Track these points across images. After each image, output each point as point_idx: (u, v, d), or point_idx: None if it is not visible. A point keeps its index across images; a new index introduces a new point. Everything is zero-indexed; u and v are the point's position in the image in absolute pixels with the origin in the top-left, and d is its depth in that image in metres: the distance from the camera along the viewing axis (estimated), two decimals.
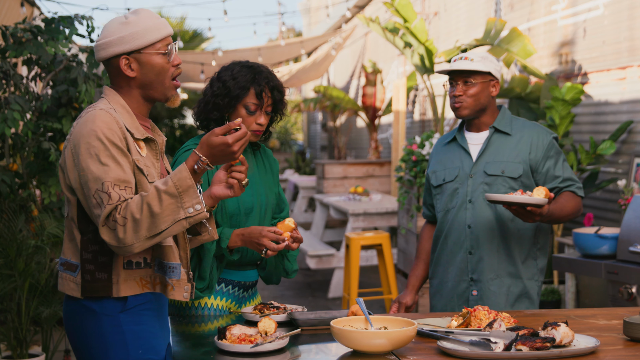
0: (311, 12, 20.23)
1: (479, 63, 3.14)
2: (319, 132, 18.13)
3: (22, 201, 4.84)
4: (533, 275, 3.20)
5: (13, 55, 4.72)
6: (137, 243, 2.15)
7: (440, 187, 3.30)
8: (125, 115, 2.32)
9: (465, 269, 3.20)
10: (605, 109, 5.96)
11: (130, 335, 2.30)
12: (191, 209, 2.17)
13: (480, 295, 3.17)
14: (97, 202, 2.17)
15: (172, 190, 2.15)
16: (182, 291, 2.32)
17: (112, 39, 2.33)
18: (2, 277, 4.45)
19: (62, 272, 2.35)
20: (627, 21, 5.59)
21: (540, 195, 2.88)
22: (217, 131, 2.21)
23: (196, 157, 2.21)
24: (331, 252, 7.78)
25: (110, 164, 2.20)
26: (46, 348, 4.70)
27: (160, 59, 2.34)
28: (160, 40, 2.34)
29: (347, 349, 2.30)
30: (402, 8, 7.61)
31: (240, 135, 2.22)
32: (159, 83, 2.35)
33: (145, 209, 2.14)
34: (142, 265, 2.31)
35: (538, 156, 3.18)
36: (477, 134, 3.27)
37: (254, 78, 2.78)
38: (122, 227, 2.14)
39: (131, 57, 2.33)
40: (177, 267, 2.31)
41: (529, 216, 2.93)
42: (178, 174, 2.17)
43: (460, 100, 3.17)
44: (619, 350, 2.30)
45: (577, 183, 3.21)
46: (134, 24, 2.33)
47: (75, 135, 2.26)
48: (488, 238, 3.17)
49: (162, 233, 2.16)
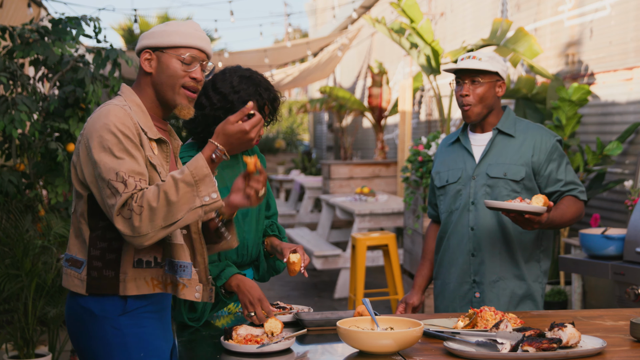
0: (317, 13, 20.24)
1: (486, 62, 3.13)
2: (325, 132, 18.13)
3: (29, 201, 4.86)
4: (537, 278, 3.19)
5: (20, 55, 4.74)
6: (152, 232, 2.12)
7: (444, 188, 3.30)
8: (139, 114, 2.31)
9: (468, 270, 3.19)
10: (612, 110, 5.95)
11: (131, 338, 2.28)
12: (207, 197, 2.15)
13: (482, 297, 3.16)
14: (112, 192, 2.14)
15: (188, 179, 2.14)
16: (194, 291, 2.30)
17: (147, 33, 2.38)
18: (9, 277, 4.46)
19: (66, 268, 2.34)
20: (634, 21, 5.57)
21: (539, 203, 2.85)
22: (232, 119, 2.21)
23: (213, 147, 2.20)
24: (337, 253, 7.78)
25: (124, 157, 2.18)
26: (52, 348, 4.71)
27: (177, 64, 2.32)
28: (184, 47, 2.33)
29: (353, 349, 2.30)
30: (409, 8, 7.61)
31: (256, 122, 2.22)
32: (169, 86, 2.33)
33: (162, 198, 2.11)
34: (152, 265, 2.29)
35: (541, 159, 3.16)
36: (481, 135, 3.26)
37: (256, 91, 2.74)
38: (139, 215, 2.11)
39: (154, 54, 2.34)
40: (188, 266, 2.29)
41: (527, 224, 2.91)
42: (194, 163, 2.16)
43: (467, 100, 3.15)
44: (625, 351, 2.29)
45: (579, 187, 3.18)
46: (171, 25, 2.35)
47: (89, 129, 2.25)
48: (491, 240, 3.16)
49: (177, 222, 2.13)
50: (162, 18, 18.01)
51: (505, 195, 3.13)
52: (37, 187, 4.93)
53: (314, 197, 12.13)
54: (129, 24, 17.70)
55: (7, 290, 4.46)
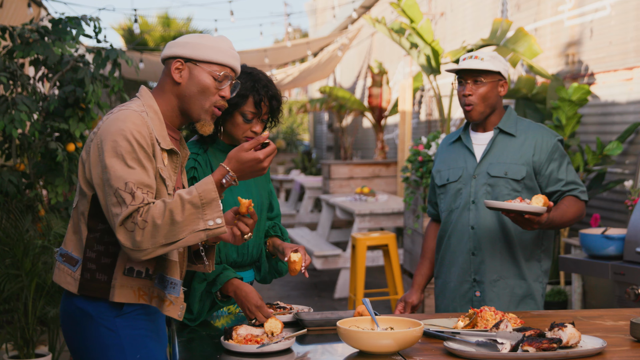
0: (317, 13, 20.24)
1: (488, 62, 3.13)
2: (325, 132, 18.13)
3: (29, 201, 4.86)
4: (537, 277, 3.19)
5: (20, 55, 4.73)
6: (151, 249, 2.12)
7: (444, 187, 3.29)
8: (155, 121, 2.28)
9: (468, 269, 3.18)
10: (612, 110, 5.95)
11: (127, 340, 2.28)
12: (211, 221, 2.14)
13: (483, 296, 3.16)
14: (118, 200, 2.13)
15: (195, 201, 2.12)
16: (178, 310, 2.29)
17: (180, 41, 2.33)
18: (9, 277, 4.46)
19: (60, 263, 2.32)
20: (634, 21, 5.57)
21: (539, 203, 2.85)
22: (246, 146, 2.20)
23: (224, 171, 2.20)
24: (337, 253, 7.78)
25: (135, 167, 2.16)
26: (52, 348, 4.71)
27: (210, 80, 2.30)
28: (219, 64, 2.31)
29: (353, 349, 2.30)
30: (409, 8, 7.61)
31: (270, 151, 2.22)
32: (199, 101, 2.31)
33: (167, 216, 2.10)
34: (142, 275, 2.27)
35: (542, 158, 3.16)
36: (482, 134, 3.25)
37: (253, 86, 2.73)
38: (142, 230, 2.10)
39: (186, 64, 2.31)
40: (178, 284, 2.29)
41: (527, 224, 2.91)
42: (203, 186, 2.15)
43: (470, 100, 3.14)
44: (625, 351, 2.29)
45: (580, 187, 3.18)
46: (206, 38, 2.33)
47: (104, 131, 2.22)
48: (491, 240, 3.15)
49: (177, 242, 2.12)
50: (162, 18, 18.01)
51: (506, 195, 3.13)
52: (37, 187, 4.93)
53: (314, 197, 12.13)
54: (129, 24, 17.70)
55: (7, 290, 4.46)
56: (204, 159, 2.79)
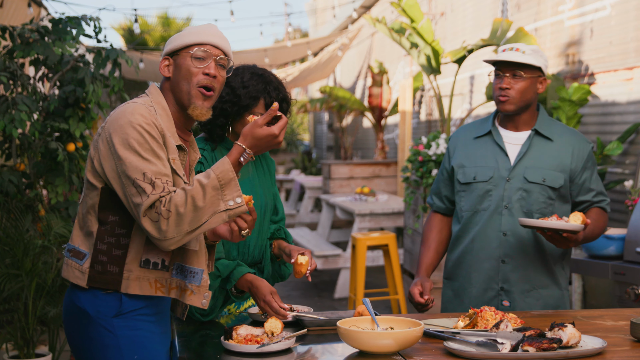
0: (317, 13, 20.24)
1: (530, 56, 2.97)
2: (325, 132, 18.13)
3: (29, 201, 4.86)
4: (566, 285, 3.07)
5: (20, 55, 4.74)
6: (178, 237, 2.13)
7: (469, 185, 3.08)
8: (164, 117, 2.29)
9: (495, 277, 3.01)
10: (612, 110, 5.95)
11: (125, 341, 2.27)
12: (231, 201, 2.15)
13: (513, 306, 3.00)
14: (138, 191, 2.13)
15: (214, 183, 2.14)
16: (202, 297, 2.30)
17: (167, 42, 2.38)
18: (9, 277, 4.46)
19: (67, 258, 2.32)
20: (635, 21, 5.57)
21: (577, 221, 2.73)
22: (260, 122, 2.22)
23: (240, 149, 2.21)
24: (337, 253, 7.78)
25: (150, 158, 2.17)
26: (53, 348, 4.71)
27: (190, 61, 2.31)
28: (197, 44, 2.31)
29: (353, 349, 2.30)
30: (409, 8, 7.61)
31: (283, 125, 2.25)
32: (184, 86, 2.31)
33: (190, 203, 2.11)
34: (159, 267, 2.27)
35: (578, 166, 3.02)
36: (514, 133, 3.07)
37: (264, 88, 2.75)
38: (166, 220, 2.11)
39: (171, 59, 2.34)
40: (199, 273, 2.29)
41: (563, 242, 2.80)
42: (220, 167, 2.16)
43: (507, 94, 2.99)
44: (625, 351, 2.29)
45: (607, 199, 3.07)
46: (186, 29, 2.35)
47: (111, 124, 2.22)
48: (523, 248, 2.99)
49: (201, 226, 2.14)
50: (162, 18, 18.02)
51: (541, 202, 2.98)
52: (37, 187, 4.93)
53: (314, 197, 12.13)
54: (129, 24, 17.71)
55: (7, 290, 4.46)
56: (211, 156, 2.79)
